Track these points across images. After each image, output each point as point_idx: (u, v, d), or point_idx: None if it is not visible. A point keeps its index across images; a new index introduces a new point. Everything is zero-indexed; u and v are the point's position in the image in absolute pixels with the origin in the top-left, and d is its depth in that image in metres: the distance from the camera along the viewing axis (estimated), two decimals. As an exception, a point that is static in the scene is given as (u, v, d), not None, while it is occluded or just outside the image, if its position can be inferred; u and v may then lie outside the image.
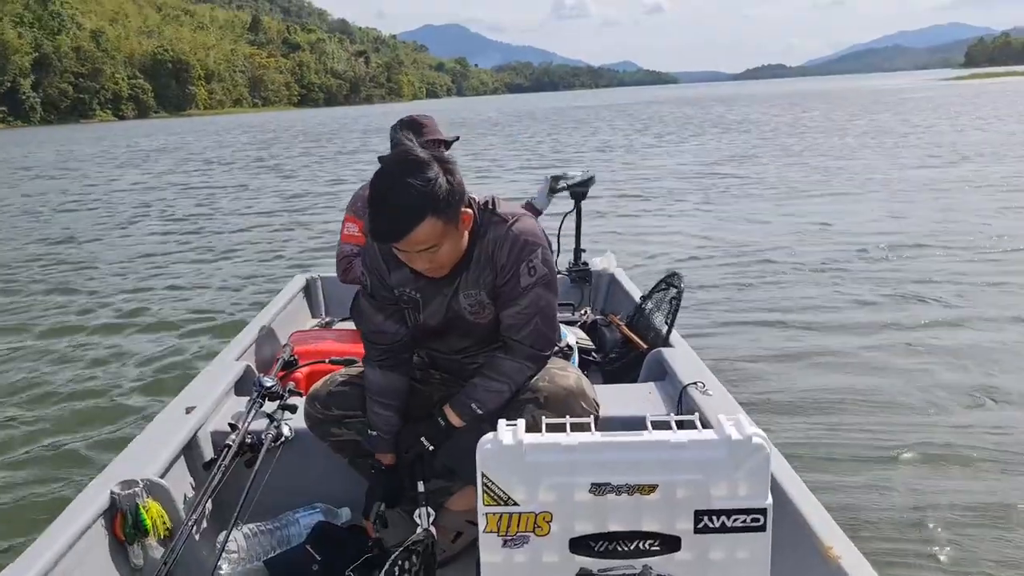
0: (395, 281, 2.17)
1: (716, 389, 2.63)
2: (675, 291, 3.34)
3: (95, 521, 2.03)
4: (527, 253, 2.07)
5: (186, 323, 6.46)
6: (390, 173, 1.90)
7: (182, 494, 2.34)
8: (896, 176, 13.70)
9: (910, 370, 4.66)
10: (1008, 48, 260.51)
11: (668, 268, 4.13)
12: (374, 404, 2.25)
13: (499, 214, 2.09)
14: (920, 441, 3.74)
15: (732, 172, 15.68)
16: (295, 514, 2.53)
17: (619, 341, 3.57)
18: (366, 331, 2.29)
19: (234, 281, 8.09)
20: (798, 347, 5.14)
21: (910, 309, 5.92)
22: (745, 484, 1.53)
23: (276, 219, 12.21)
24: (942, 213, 9.81)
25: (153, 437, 2.47)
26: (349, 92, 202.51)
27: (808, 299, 6.30)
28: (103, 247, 10.71)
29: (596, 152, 22.22)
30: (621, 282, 4.21)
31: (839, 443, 3.75)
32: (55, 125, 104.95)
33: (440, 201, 1.88)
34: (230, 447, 2.33)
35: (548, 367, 2.17)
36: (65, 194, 18.06)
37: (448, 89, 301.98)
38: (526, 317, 2.10)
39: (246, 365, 3.06)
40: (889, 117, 31.30)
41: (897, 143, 19.92)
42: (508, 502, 1.55)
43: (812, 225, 9.61)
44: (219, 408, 2.75)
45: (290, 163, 24.26)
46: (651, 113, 47.78)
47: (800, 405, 4.20)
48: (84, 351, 5.84)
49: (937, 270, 7.08)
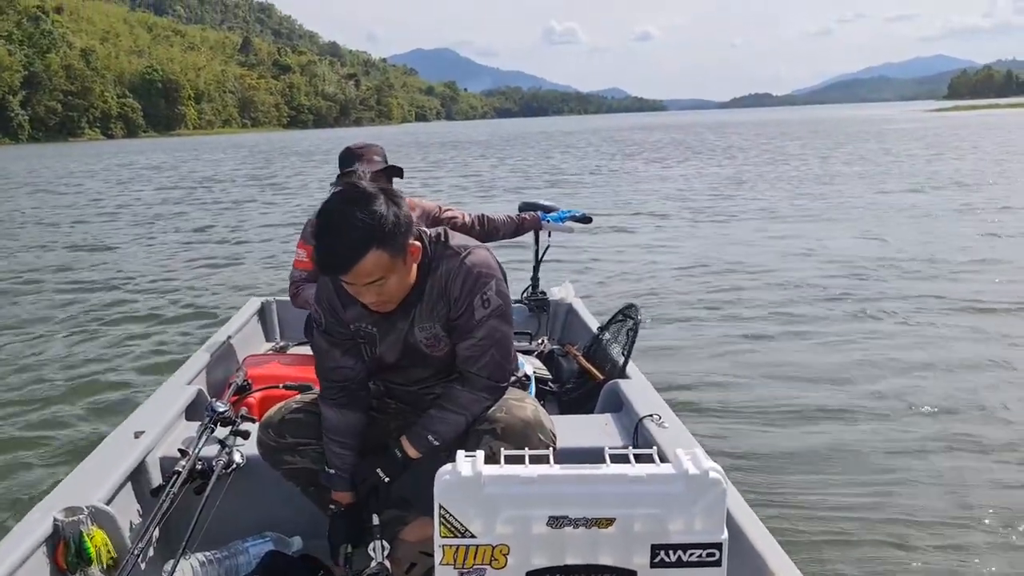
0: (350, 317, 2.16)
1: (672, 422, 2.65)
2: (632, 323, 3.36)
3: (36, 549, 1.96)
4: (481, 285, 2.08)
5: (136, 344, 6.33)
6: (336, 206, 1.91)
7: (128, 521, 2.28)
8: (875, 202, 14.10)
9: (869, 401, 4.73)
10: (990, 81, 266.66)
11: (627, 298, 4.15)
12: (332, 444, 2.22)
13: (451, 247, 2.09)
14: (879, 473, 3.78)
15: (703, 199, 15.89)
16: (245, 543, 2.47)
17: (576, 372, 3.57)
18: (322, 368, 2.26)
19: (188, 302, 7.96)
20: (754, 378, 5.18)
21: (871, 338, 6.03)
22: (701, 519, 1.54)
23: (238, 244, 12.06)
24: (915, 239, 10.07)
25: (100, 462, 2.40)
26: (339, 114, 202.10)
27: (766, 329, 6.38)
28: (54, 263, 10.51)
29: (566, 176, 22.29)
30: (579, 312, 4.23)
31: (794, 476, 3.79)
32: (42, 143, 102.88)
33: (386, 233, 1.88)
34: (179, 473, 2.29)
35: (505, 398, 2.17)
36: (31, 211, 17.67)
37: (437, 113, 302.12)
38: (481, 349, 2.10)
39: (198, 389, 3.00)
40: (874, 146, 32.00)
41: (879, 170, 20.42)
42: (465, 534, 1.54)
43: (777, 252, 9.78)
44: (169, 433, 2.69)
45: (276, 185, 24.11)
46: (638, 139, 48.11)
47: (756, 438, 4.24)
48: (31, 370, 5.69)
49: (899, 295, 7.30)
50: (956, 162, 22.61)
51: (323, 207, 1.94)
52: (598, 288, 7.93)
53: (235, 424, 2.56)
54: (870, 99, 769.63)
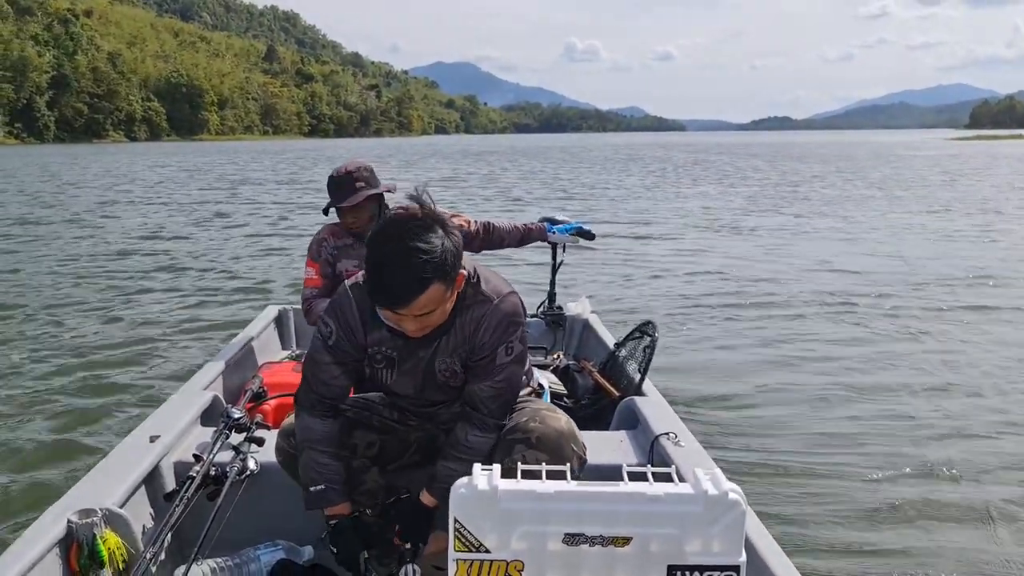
0: (371, 340, 2.14)
1: (688, 440, 2.63)
2: (649, 340, 3.34)
3: (50, 551, 1.96)
4: (508, 335, 2.10)
5: (153, 348, 6.36)
6: (393, 236, 1.87)
7: (141, 525, 2.28)
8: (891, 226, 14.15)
9: (890, 424, 4.69)
10: (1012, 111, 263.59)
11: (643, 314, 4.14)
12: (318, 455, 2.19)
13: (484, 292, 2.08)
14: (902, 501, 3.72)
15: (722, 217, 15.93)
16: (256, 551, 2.47)
17: (591, 388, 3.55)
18: (314, 380, 2.21)
19: (206, 307, 8.00)
20: (772, 398, 5.17)
21: (886, 358, 6.01)
22: (719, 540, 1.52)
23: (262, 251, 12.11)
24: (934, 261, 10.08)
25: (115, 465, 2.40)
26: (359, 125, 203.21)
27: (783, 349, 6.39)
28: (81, 263, 10.61)
29: (581, 190, 22.33)
30: (595, 328, 4.21)
31: (810, 498, 3.75)
32: (67, 143, 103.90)
33: (444, 267, 1.88)
34: (193, 479, 2.29)
35: (537, 408, 2.19)
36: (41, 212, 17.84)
37: (457, 126, 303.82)
38: (498, 392, 2.13)
39: (214, 395, 3.00)
40: (893, 172, 32.00)
41: (899, 196, 20.37)
42: (480, 549, 1.52)
43: (796, 271, 9.81)
44: (184, 438, 2.69)
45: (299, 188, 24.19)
46: (659, 156, 48.12)
47: (774, 459, 4.20)
48: (47, 372, 5.72)
49: (925, 315, 7.33)
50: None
51: (377, 237, 1.90)
52: (615, 303, 7.93)
53: (250, 431, 2.56)
54: (890, 125, 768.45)
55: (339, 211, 3.38)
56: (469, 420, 2.16)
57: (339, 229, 3.47)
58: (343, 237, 3.44)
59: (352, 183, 3.30)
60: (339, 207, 3.33)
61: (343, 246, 3.43)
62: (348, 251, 3.42)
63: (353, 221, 3.37)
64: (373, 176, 3.36)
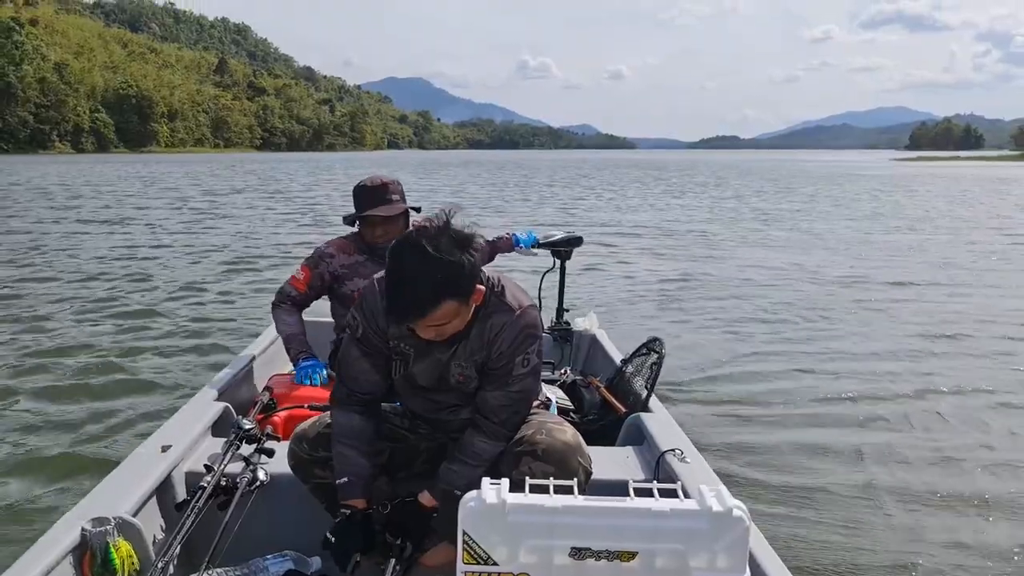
0: (393, 333, 2.19)
1: (694, 457, 2.64)
2: (656, 356, 3.36)
3: (63, 559, 1.99)
4: (526, 346, 2.14)
5: (163, 360, 6.39)
6: (412, 252, 1.93)
7: (152, 534, 2.30)
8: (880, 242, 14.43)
9: (896, 442, 4.72)
10: (949, 134, 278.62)
11: (651, 332, 4.17)
12: (344, 448, 2.24)
13: (506, 302, 2.13)
14: (911, 521, 3.74)
15: (714, 233, 16.16)
16: (265, 561, 2.48)
17: (598, 403, 3.57)
18: (345, 375, 2.29)
19: (215, 319, 8.04)
20: (779, 415, 5.18)
21: (889, 374, 6.07)
22: (724, 556, 1.54)
23: (267, 262, 12.17)
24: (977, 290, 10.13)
25: (127, 475, 2.43)
26: (312, 139, 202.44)
27: (790, 364, 6.43)
28: (80, 275, 10.63)
29: (580, 210, 22.63)
30: (602, 344, 4.23)
31: (815, 516, 3.76)
32: (11, 155, 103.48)
33: (460, 284, 1.94)
34: (204, 489, 2.31)
35: (544, 420, 2.22)
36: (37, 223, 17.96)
37: (410, 141, 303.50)
38: (511, 402, 2.17)
39: (224, 406, 3.03)
40: (847, 190, 32.92)
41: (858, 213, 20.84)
42: (488, 561, 1.55)
43: (797, 284, 9.99)
44: (195, 448, 2.72)
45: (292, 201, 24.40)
46: (624, 174, 49.11)
47: (779, 476, 4.21)
48: (57, 382, 5.76)
49: (936, 330, 7.42)
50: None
51: (398, 251, 1.96)
52: (621, 317, 7.99)
53: (260, 442, 2.59)
54: (833, 146, 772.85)
55: (366, 222, 3.29)
56: (477, 427, 2.19)
57: (349, 245, 3.38)
58: (354, 254, 3.35)
59: (388, 194, 3.25)
60: (371, 216, 3.23)
61: (354, 264, 3.34)
62: (359, 269, 3.32)
63: (383, 234, 3.26)
64: (403, 192, 3.33)
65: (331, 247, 3.40)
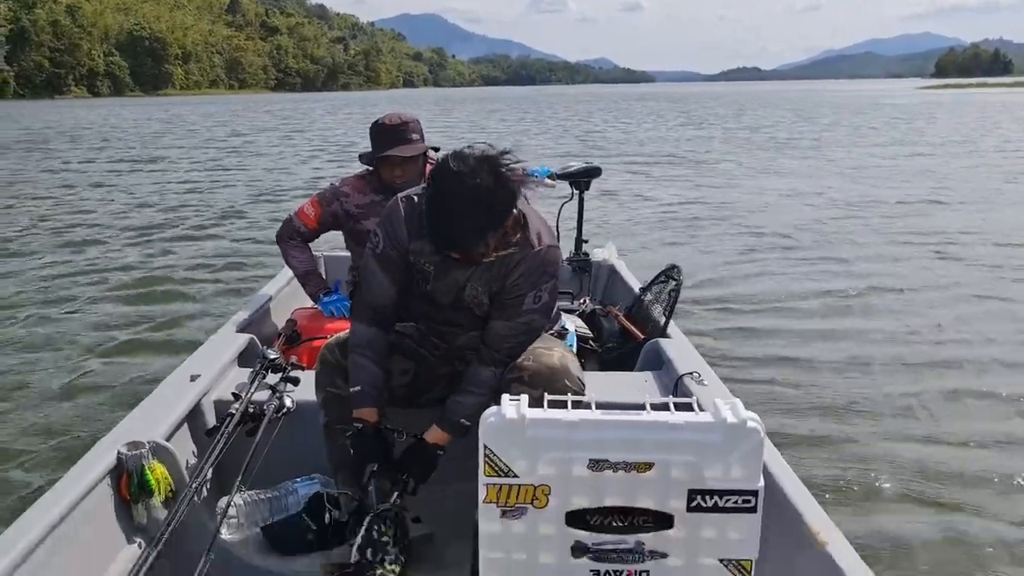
0: (414, 248, 2.23)
1: (711, 379, 2.68)
2: (674, 283, 3.38)
3: (102, 479, 2.07)
4: (541, 283, 2.17)
5: (189, 293, 6.59)
6: (454, 189, 1.94)
7: (185, 459, 2.37)
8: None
9: (907, 364, 4.78)
10: (977, 60, 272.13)
11: (668, 260, 4.21)
12: (360, 358, 2.27)
13: (528, 237, 2.14)
14: (911, 437, 3.82)
15: (729, 161, 16.11)
16: (294, 484, 2.57)
17: (617, 332, 3.61)
18: (365, 288, 2.33)
19: (238, 254, 8.22)
20: (795, 340, 5.25)
21: (909, 301, 6.12)
22: (738, 466, 1.58)
23: (288, 199, 12.28)
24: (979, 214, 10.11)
25: (159, 402, 2.50)
26: (326, 79, 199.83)
27: (807, 287, 6.54)
28: (117, 212, 10.87)
29: (600, 140, 22.47)
30: (621, 273, 4.25)
31: (831, 433, 3.86)
32: (28, 100, 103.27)
33: (501, 218, 1.97)
34: (233, 416, 2.37)
35: (533, 346, 2.24)
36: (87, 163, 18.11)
37: (425, 79, 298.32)
38: (514, 332, 2.20)
39: (250, 337, 3.09)
40: (866, 119, 32.43)
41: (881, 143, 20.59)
42: (509, 474, 1.59)
43: (819, 217, 9.88)
44: (223, 378, 2.79)
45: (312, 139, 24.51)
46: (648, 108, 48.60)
47: (794, 397, 4.29)
48: (91, 318, 5.97)
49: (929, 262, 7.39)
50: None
51: (439, 188, 1.97)
52: (639, 248, 8.04)
53: (286, 371, 2.65)
54: (857, 75, 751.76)
55: (384, 162, 3.19)
56: (480, 357, 2.24)
57: (364, 184, 3.31)
58: (368, 194, 3.29)
59: (407, 133, 3.17)
60: (390, 157, 3.14)
61: (369, 204, 3.27)
62: (374, 209, 3.22)
63: (400, 174, 3.16)
64: (422, 131, 3.25)
65: (346, 185, 3.35)
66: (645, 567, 1.63)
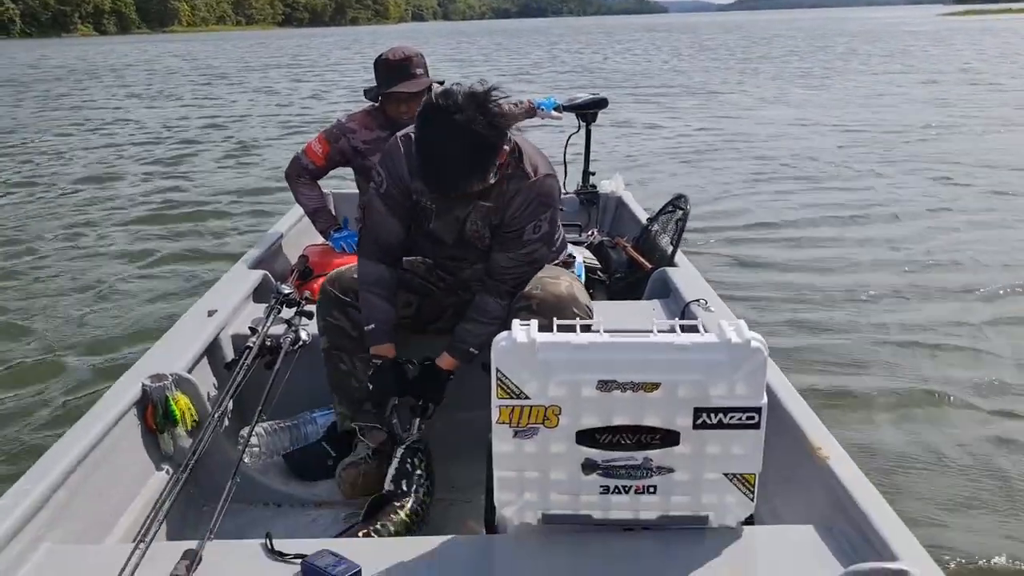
0: (416, 187, 2.25)
1: (718, 305, 2.72)
2: (681, 213, 3.40)
3: (128, 410, 2.15)
4: (539, 213, 2.20)
5: (201, 231, 6.70)
6: (444, 127, 1.95)
7: (206, 391, 2.45)
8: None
9: (912, 293, 4.85)
10: None
11: (676, 189, 4.24)
12: (370, 295, 2.32)
13: (523, 168, 2.16)
14: (913, 365, 3.89)
15: (739, 92, 15.96)
16: (312, 414, 2.66)
17: (625, 262, 3.65)
18: (370, 227, 2.37)
19: (250, 190, 8.29)
20: (800, 267, 5.34)
21: (916, 230, 6.16)
22: (742, 385, 1.63)
23: (296, 136, 12.28)
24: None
25: (178, 337, 2.57)
26: (334, 13, 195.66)
27: (814, 214, 6.61)
28: (131, 150, 11.08)
29: (604, 72, 22.21)
30: (628, 204, 4.28)
31: (833, 352, 3.97)
32: (35, 39, 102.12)
33: (491, 160, 1.99)
34: (251, 349, 2.44)
35: (540, 275, 2.28)
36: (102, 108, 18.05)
37: (434, 12, 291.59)
38: (516, 263, 2.24)
39: (264, 273, 3.15)
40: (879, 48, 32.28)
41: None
42: (520, 395, 1.64)
43: (825, 146, 9.91)
44: (239, 312, 2.85)
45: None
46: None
47: (799, 319, 4.39)
48: (110, 253, 6.18)
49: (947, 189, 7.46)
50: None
51: (426, 125, 1.99)
52: (649, 177, 8.05)
53: (300, 305, 2.71)
54: (877, 1, 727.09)
55: (388, 99, 3.19)
56: (486, 288, 2.29)
57: (370, 120, 3.31)
58: (375, 129, 3.28)
59: (411, 68, 3.15)
60: (396, 93, 3.14)
61: (375, 139, 3.26)
62: (381, 145, 3.16)
63: (406, 110, 3.14)
64: (427, 66, 3.23)
65: (352, 121, 3.34)
66: (653, 482, 1.69)
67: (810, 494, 1.86)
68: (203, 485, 2.17)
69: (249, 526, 2.21)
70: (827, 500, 1.78)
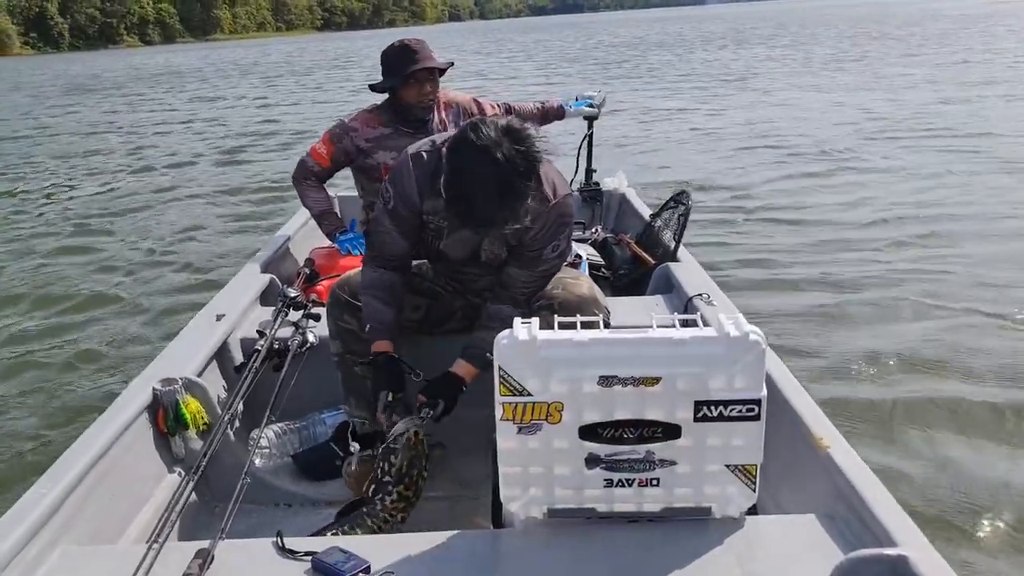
0: (427, 208, 2.25)
1: (720, 299, 2.74)
2: (683, 208, 3.42)
3: (140, 414, 2.18)
4: (559, 234, 2.21)
5: (207, 236, 6.74)
6: (479, 163, 1.91)
7: (216, 394, 2.48)
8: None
9: (919, 280, 4.86)
10: None
11: (678, 185, 4.27)
12: (370, 298, 2.32)
13: (543, 190, 2.13)
14: (914, 355, 3.90)
15: (737, 83, 15.96)
16: (320, 415, 2.69)
17: (629, 258, 3.67)
18: (377, 240, 2.36)
19: (256, 195, 8.35)
20: (802, 260, 5.35)
21: (926, 225, 6.11)
22: (742, 377, 1.65)
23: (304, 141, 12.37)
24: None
25: (188, 341, 2.61)
26: (372, 15, 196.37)
27: (816, 207, 6.55)
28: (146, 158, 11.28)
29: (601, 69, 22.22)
30: (631, 201, 4.30)
31: (837, 353, 3.94)
32: (83, 51, 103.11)
33: (527, 191, 1.96)
34: (259, 352, 2.47)
35: (560, 276, 2.30)
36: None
37: (471, 12, 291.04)
38: (532, 279, 2.25)
39: (270, 277, 3.19)
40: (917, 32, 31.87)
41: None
42: (523, 392, 1.67)
43: (830, 130, 9.98)
44: (246, 316, 2.88)
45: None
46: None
47: (802, 316, 4.38)
48: (121, 263, 6.24)
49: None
50: None
51: (460, 163, 1.95)
52: (650, 175, 8.07)
53: (307, 308, 2.74)
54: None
55: (407, 82, 3.15)
56: (498, 296, 2.29)
57: (373, 118, 3.30)
58: (378, 127, 3.27)
59: (424, 51, 3.16)
60: (416, 71, 3.10)
61: (378, 137, 3.26)
62: (384, 142, 3.24)
63: (429, 91, 3.17)
64: (430, 55, 3.21)
65: (355, 120, 3.34)
66: (655, 475, 1.72)
67: (812, 484, 1.88)
68: (214, 486, 2.21)
69: (260, 526, 2.24)
70: (829, 489, 1.80)
